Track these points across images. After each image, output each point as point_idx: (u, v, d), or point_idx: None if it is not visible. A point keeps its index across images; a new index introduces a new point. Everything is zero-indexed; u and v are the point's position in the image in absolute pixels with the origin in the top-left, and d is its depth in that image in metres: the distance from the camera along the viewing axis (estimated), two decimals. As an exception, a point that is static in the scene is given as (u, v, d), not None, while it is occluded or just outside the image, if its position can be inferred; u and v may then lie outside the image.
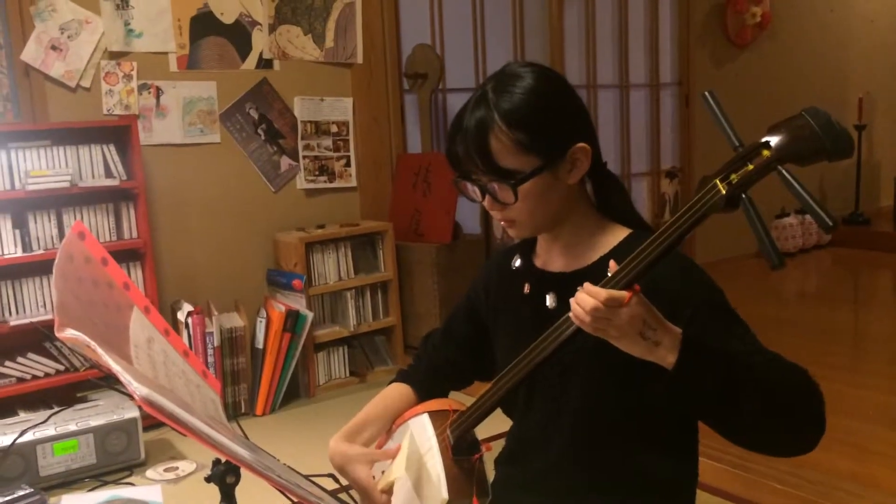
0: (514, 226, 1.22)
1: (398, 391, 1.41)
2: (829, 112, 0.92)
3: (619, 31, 5.11)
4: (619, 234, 1.23)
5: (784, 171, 0.93)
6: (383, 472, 1.28)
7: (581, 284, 1.01)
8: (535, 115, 1.14)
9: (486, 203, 1.20)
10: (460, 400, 1.34)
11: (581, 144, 1.17)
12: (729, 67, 5.56)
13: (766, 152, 0.93)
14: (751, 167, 0.94)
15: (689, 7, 5.32)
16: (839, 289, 5.15)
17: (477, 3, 4.46)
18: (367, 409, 1.38)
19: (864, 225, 5.95)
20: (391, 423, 1.37)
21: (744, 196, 0.94)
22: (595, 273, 1.03)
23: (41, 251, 2.95)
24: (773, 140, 0.93)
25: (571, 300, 1.02)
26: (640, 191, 5.38)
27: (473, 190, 1.20)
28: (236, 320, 3.32)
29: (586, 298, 0.99)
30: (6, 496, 2.30)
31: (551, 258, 1.28)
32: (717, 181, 0.95)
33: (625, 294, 0.98)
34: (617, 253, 1.19)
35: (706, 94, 1.02)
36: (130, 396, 0.88)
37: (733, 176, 0.94)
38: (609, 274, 1.01)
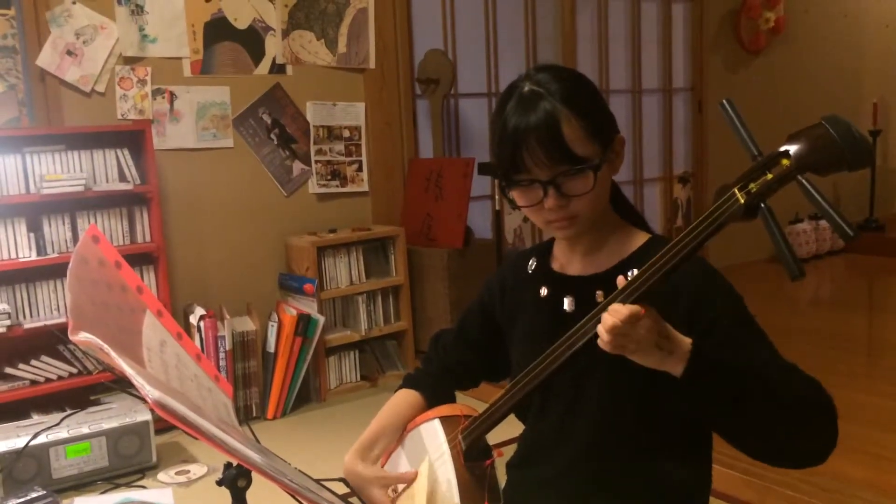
0: (574, 223, 1.18)
1: (407, 398, 1.40)
2: (849, 120, 0.91)
3: (632, 36, 5.11)
4: (638, 238, 1.23)
5: (804, 181, 0.91)
6: (396, 491, 1.28)
7: (599, 288, 1.01)
8: (591, 102, 1.16)
9: (548, 203, 1.14)
10: (468, 403, 1.34)
11: (621, 136, 1.20)
12: (742, 73, 5.54)
13: (785, 161, 0.92)
14: (770, 176, 0.93)
15: (703, 12, 5.30)
16: (853, 295, 5.11)
17: (489, 9, 4.46)
18: (378, 420, 1.37)
19: (878, 231, 5.91)
20: (402, 431, 1.37)
21: (763, 206, 0.93)
22: (614, 277, 1.02)
23: (55, 255, 2.97)
24: (793, 149, 0.92)
25: (598, 327, 1.00)
26: (653, 196, 5.36)
27: (528, 193, 1.16)
28: (248, 324, 3.33)
29: (605, 317, 0.98)
30: (19, 498, 2.31)
31: (569, 261, 1.28)
32: (736, 190, 0.94)
33: (640, 308, 0.97)
34: (636, 258, 1.19)
35: (724, 102, 1.00)
36: (143, 399, 0.88)
37: (752, 185, 0.93)
38: (618, 287, 1.00)
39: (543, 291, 1.28)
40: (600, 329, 0.99)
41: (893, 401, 3.00)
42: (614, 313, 0.97)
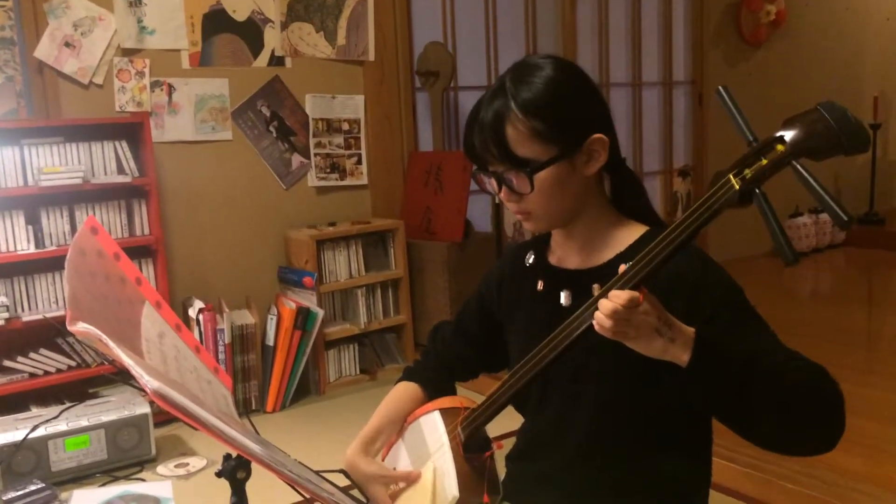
0: (530, 218, 1.21)
1: (407, 391, 1.40)
2: (844, 106, 0.91)
3: (632, 28, 5.09)
4: (635, 231, 1.22)
5: (798, 166, 0.91)
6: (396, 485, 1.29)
7: (596, 282, 1.01)
8: (553, 105, 1.14)
9: (502, 194, 1.19)
10: (468, 396, 1.33)
11: (598, 136, 1.16)
12: (743, 66, 5.53)
13: (780, 147, 0.92)
14: (765, 162, 0.93)
15: (703, 5, 5.29)
16: (853, 289, 5.11)
17: (489, 1, 4.45)
18: (379, 414, 1.37)
19: (878, 224, 5.91)
20: (402, 424, 1.37)
21: (757, 191, 0.93)
22: (611, 270, 1.02)
23: (53, 247, 2.96)
24: (788, 134, 0.92)
25: (597, 312, 1.00)
26: (653, 189, 5.36)
27: (490, 182, 1.19)
28: (247, 317, 3.32)
29: (605, 303, 0.98)
30: (18, 491, 2.31)
31: (566, 255, 1.27)
32: (731, 176, 0.94)
33: (638, 294, 0.97)
34: (633, 250, 1.18)
35: (720, 89, 1.00)
36: (142, 391, 0.88)
37: (747, 171, 0.93)
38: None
39: (540, 285, 1.28)
40: (598, 314, 0.98)
41: (893, 394, 3.00)
42: (613, 298, 0.97)
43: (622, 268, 1.00)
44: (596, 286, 1.02)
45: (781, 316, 4.22)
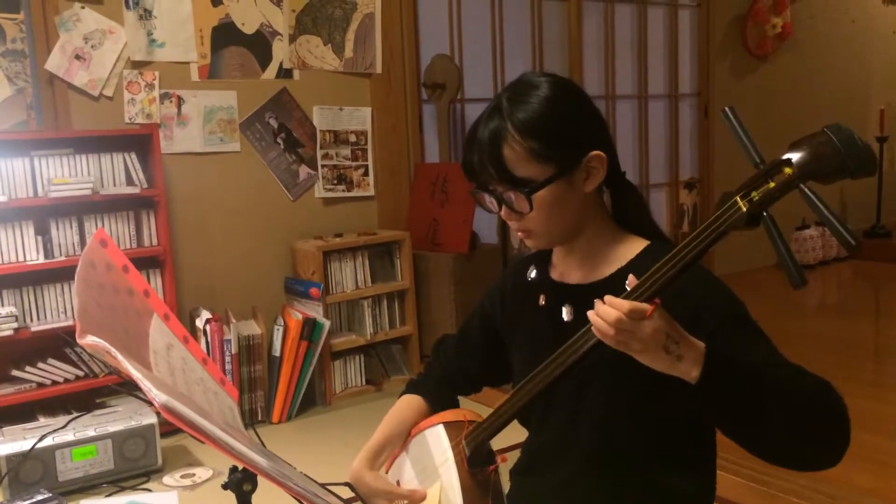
0: (532, 236, 1.21)
1: (411, 404, 1.41)
2: (851, 127, 0.91)
3: (638, 41, 5.11)
4: (636, 245, 1.23)
5: (806, 190, 0.91)
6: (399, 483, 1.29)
7: (598, 297, 1.01)
8: (549, 124, 1.14)
9: (503, 213, 1.19)
10: (473, 409, 1.34)
11: (596, 153, 1.16)
12: (749, 79, 5.54)
13: (787, 170, 0.92)
14: (772, 185, 0.92)
15: (709, 18, 5.30)
16: (860, 302, 5.09)
17: (496, 14, 4.47)
18: (384, 428, 1.38)
19: (885, 238, 5.89)
20: (406, 436, 1.37)
21: (765, 214, 0.93)
22: (612, 285, 1.02)
23: (63, 258, 2.98)
24: (795, 157, 0.92)
25: (590, 312, 1.00)
26: (659, 202, 5.36)
27: (490, 201, 1.20)
28: (254, 328, 3.33)
29: (609, 310, 0.97)
30: (25, 500, 2.32)
31: (568, 270, 1.28)
32: (738, 198, 0.94)
33: (647, 306, 0.97)
34: (634, 265, 1.18)
35: (726, 110, 1.00)
36: (150, 403, 0.89)
37: (754, 193, 0.93)
38: (627, 287, 1.01)
39: (542, 300, 1.29)
40: (600, 322, 0.98)
41: (900, 408, 2.98)
42: (617, 307, 0.97)
43: (631, 279, 1.00)
44: (598, 302, 1.02)
45: (787, 329, 4.21)
